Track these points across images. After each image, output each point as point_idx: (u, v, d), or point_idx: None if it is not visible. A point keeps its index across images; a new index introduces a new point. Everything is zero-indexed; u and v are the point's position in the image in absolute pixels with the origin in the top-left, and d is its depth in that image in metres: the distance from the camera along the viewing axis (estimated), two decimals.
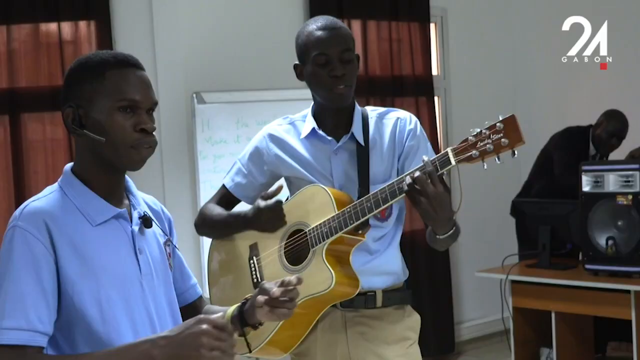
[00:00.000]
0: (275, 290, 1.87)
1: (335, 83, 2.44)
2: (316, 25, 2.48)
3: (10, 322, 1.65)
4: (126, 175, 1.92)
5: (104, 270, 1.76)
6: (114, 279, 1.77)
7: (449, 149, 2.19)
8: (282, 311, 1.89)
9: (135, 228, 1.85)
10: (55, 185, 1.83)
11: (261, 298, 1.89)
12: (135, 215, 1.87)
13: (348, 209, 2.38)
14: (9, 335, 1.65)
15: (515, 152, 2.13)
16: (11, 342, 1.65)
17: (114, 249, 1.80)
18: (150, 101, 1.81)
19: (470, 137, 2.16)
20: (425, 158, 2.21)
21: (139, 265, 1.83)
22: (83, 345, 1.73)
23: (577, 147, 5.46)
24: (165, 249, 1.95)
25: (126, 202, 1.89)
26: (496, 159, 2.14)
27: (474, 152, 2.14)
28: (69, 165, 1.87)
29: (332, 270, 2.36)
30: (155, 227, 1.94)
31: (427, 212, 2.19)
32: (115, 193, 1.85)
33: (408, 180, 2.20)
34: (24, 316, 1.66)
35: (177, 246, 2.04)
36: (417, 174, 2.18)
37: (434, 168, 2.18)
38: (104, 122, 1.77)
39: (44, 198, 1.79)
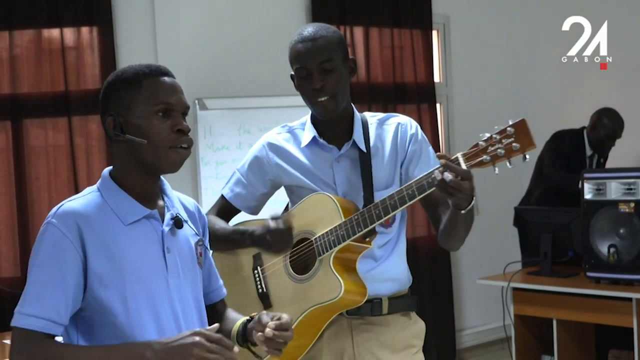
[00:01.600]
0: (268, 332, 1.93)
1: (315, 95, 2.43)
2: (297, 37, 2.47)
3: (29, 308, 1.81)
4: (163, 178, 2.04)
5: (131, 267, 1.88)
6: (140, 276, 1.89)
7: (459, 154, 2.21)
8: (274, 351, 1.96)
9: (166, 228, 1.96)
10: (94, 187, 1.97)
11: (258, 332, 1.97)
12: (167, 216, 1.98)
13: (356, 216, 2.38)
14: (26, 321, 1.80)
15: (527, 156, 2.18)
16: (27, 326, 1.80)
17: (142, 247, 1.92)
18: (183, 105, 1.95)
19: (480, 142, 2.18)
20: (438, 169, 2.20)
21: (165, 263, 1.94)
22: (106, 339, 1.85)
23: (567, 149, 5.48)
24: (197, 249, 2.05)
25: (161, 203, 2.00)
26: (507, 163, 2.18)
27: (485, 157, 2.17)
28: (108, 169, 2.00)
29: (340, 279, 2.36)
30: (188, 228, 2.04)
31: (459, 200, 2.22)
32: (149, 195, 1.97)
33: (435, 179, 2.19)
34: (40, 305, 1.80)
35: (208, 247, 2.15)
36: (437, 176, 2.18)
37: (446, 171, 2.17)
38: (144, 127, 1.90)
39: (81, 198, 1.92)
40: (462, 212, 2.26)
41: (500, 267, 4.95)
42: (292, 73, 2.53)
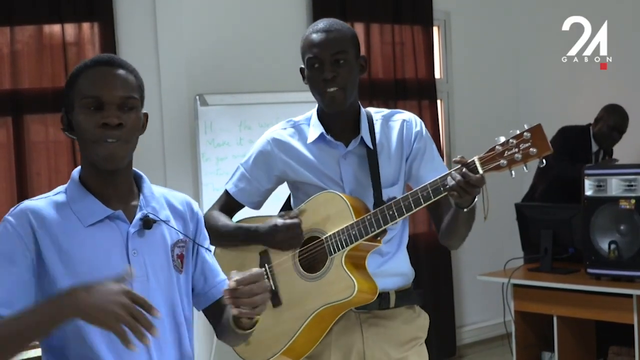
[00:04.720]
0: (231, 284, 1.75)
1: (325, 86, 2.43)
2: (313, 28, 2.49)
3: None
4: (143, 175, 1.96)
5: (88, 271, 1.78)
6: (98, 279, 1.76)
7: (475, 158, 2.22)
8: (243, 310, 1.76)
9: (132, 230, 1.86)
10: (63, 187, 1.90)
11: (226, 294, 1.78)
12: (137, 216, 1.88)
13: (369, 217, 2.39)
14: None
15: (544, 161, 2.19)
16: None
17: (103, 249, 1.83)
18: (116, 95, 1.82)
19: (497, 147, 2.20)
20: (452, 174, 2.23)
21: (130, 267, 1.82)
22: (72, 341, 1.78)
23: (573, 144, 5.49)
24: (174, 251, 1.93)
25: (134, 202, 1.90)
26: (524, 167, 2.19)
27: (502, 161, 2.18)
28: (77, 169, 1.92)
29: (353, 278, 2.37)
30: (166, 229, 1.92)
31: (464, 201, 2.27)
32: (115, 195, 1.88)
33: (449, 183, 2.22)
34: None
35: (207, 247, 2.04)
36: (450, 181, 2.21)
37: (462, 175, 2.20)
38: (77, 122, 1.84)
39: (43, 199, 1.87)
40: (465, 210, 2.29)
41: (500, 263, 4.96)
42: (302, 66, 2.53)
